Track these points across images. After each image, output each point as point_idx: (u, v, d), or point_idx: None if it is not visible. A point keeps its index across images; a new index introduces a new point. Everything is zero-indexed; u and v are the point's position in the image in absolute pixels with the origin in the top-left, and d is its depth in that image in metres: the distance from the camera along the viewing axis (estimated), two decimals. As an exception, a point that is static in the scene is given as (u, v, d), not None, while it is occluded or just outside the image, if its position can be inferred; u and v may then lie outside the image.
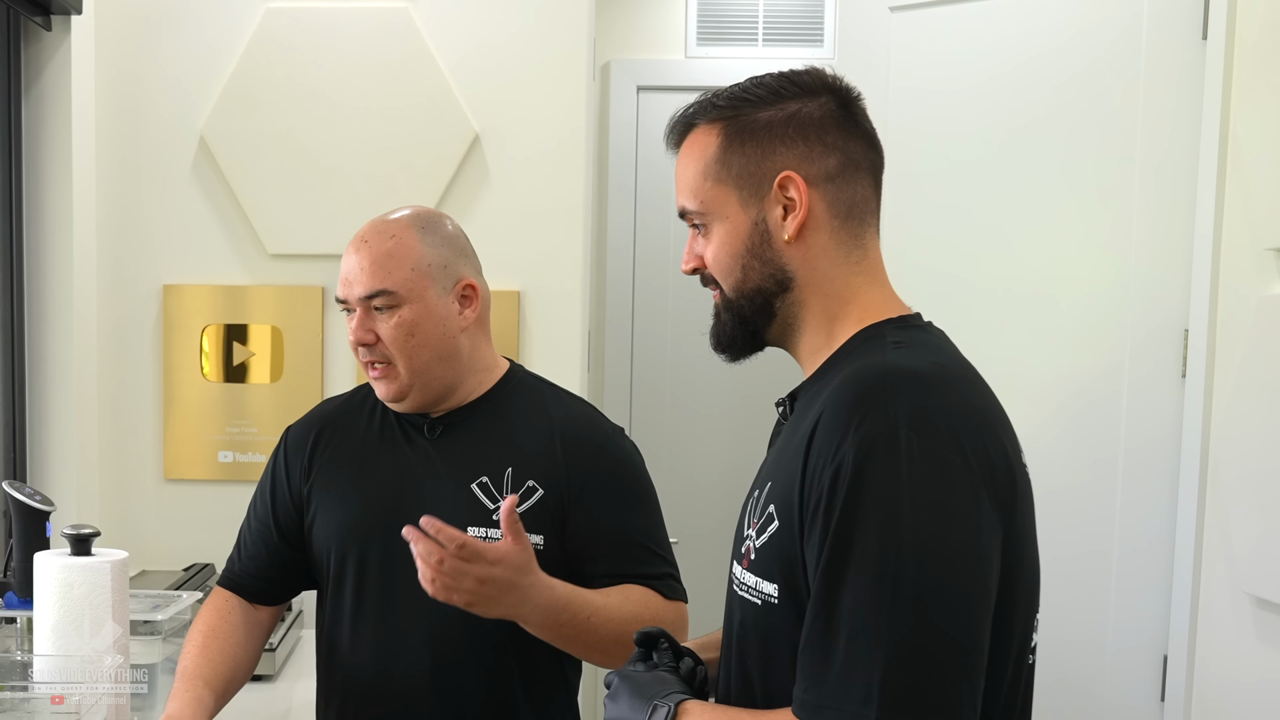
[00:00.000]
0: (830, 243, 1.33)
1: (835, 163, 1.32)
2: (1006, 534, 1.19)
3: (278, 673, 2.59)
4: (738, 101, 1.35)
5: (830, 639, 1.14)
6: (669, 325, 3.92)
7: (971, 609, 1.14)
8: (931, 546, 1.13)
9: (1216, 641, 2.48)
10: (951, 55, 2.86)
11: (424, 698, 1.86)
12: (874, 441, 1.15)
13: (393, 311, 1.86)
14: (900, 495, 1.13)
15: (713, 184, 1.36)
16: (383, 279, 1.86)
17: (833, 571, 1.15)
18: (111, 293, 3.08)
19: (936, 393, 1.20)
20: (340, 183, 3.05)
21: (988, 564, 1.17)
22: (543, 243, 3.08)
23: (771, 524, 1.25)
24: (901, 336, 1.30)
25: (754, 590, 1.27)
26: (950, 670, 1.12)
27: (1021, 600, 1.24)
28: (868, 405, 1.18)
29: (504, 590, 1.66)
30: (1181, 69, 2.58)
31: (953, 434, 1.17)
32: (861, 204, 1.34)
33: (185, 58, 3.08)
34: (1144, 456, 2.65)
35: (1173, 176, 2.59)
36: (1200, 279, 2.53)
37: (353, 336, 1.88)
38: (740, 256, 1.35)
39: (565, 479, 1.88)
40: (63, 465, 2.90)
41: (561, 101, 3.08)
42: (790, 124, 1.32)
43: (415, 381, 1.89)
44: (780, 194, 1.31)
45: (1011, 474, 1.22)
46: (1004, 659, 1.22)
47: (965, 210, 2.83)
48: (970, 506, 1.16)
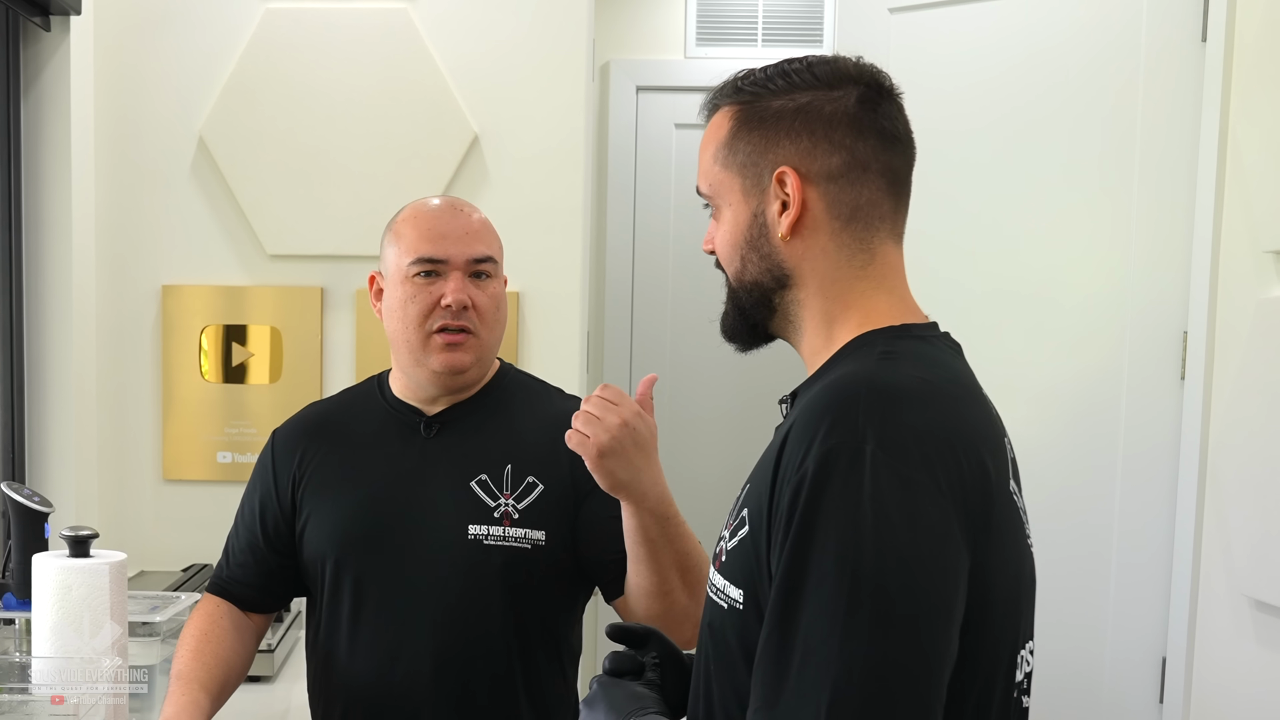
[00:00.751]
0: (830, 244, 1.28)
1: (839, 162, 1.27)
2: (977, 560, 1.13)
3: (276, 674, 2.59)
4: (759, 88, 1.31)
5: (782, 660, 1.09)
6: (668, 326, 3.92)
7: (933, 636, 1.08)
8: (892, 568, 1.07)
9: (1215, 644, 2.48)
10: (950, 57, 2.86)
11: (426, 702, 1.84)
12: (838, 455, 1.10)
13: (490, 281, 1.89)
14: (861, 513, 1.07)
15: (721, 169, 1.33)
16: (489, 246, 1.90)
17: (788, 589, 1.09)
18: (110, 293, 3.08)
19: (912, 409, 1.14)
20: (340, 183, 3.05)
21: (951, 590, 1.10)
22: (542, 243, 3.08)
23: (743, 528, 1.21)
24: (894, 346, 1.24)
25: (721, 593, 1.23)
26: (903, 698, 1.06)
27: (995, 630, 1.17)
28: (837, 417, 1.12)
29: (640, 445, 1.61)
30: (1181, 71, 2.58)
31: (923, 454, 1.11)
32: (869, 207, 1.28)
33: (184, 58, 3.07)
34: (1143, 459, 2.65)
35: (1172, 179, 2.59)
36: (1199, 281, 2.53)
37: (453, 297, 1.83)
38: (740, 247, 1.32)
39: (570, 476, 1.86)
40: (61, 466, 2.90)
41: (561, 102, 3.08)
42: (798, 117, 1.27)
43: (483, 356, 1.90)
44: (778, 189, 1.28)
45: (988, 498, 1.16)
46: (967, 693, 1.15)
47: (963, 212, 2.83)
48: (937, 530, 1.10)
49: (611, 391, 1.61)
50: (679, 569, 1.74)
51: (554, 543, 1.85)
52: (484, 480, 1.86)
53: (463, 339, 1.85)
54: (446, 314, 1.84)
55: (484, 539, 1.83)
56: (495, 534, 1.82)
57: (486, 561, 1.82)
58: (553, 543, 1.85)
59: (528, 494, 1.85)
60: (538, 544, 1.84)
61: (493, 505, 1.84)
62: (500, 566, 1.82)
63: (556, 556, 1.85)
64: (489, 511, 1.84)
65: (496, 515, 1.83)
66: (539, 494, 1.86)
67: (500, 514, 1.84)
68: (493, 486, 1.86)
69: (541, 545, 1.84)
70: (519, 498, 1.85)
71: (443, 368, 1.86)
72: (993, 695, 1.19)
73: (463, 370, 1.87)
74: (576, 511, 1.86)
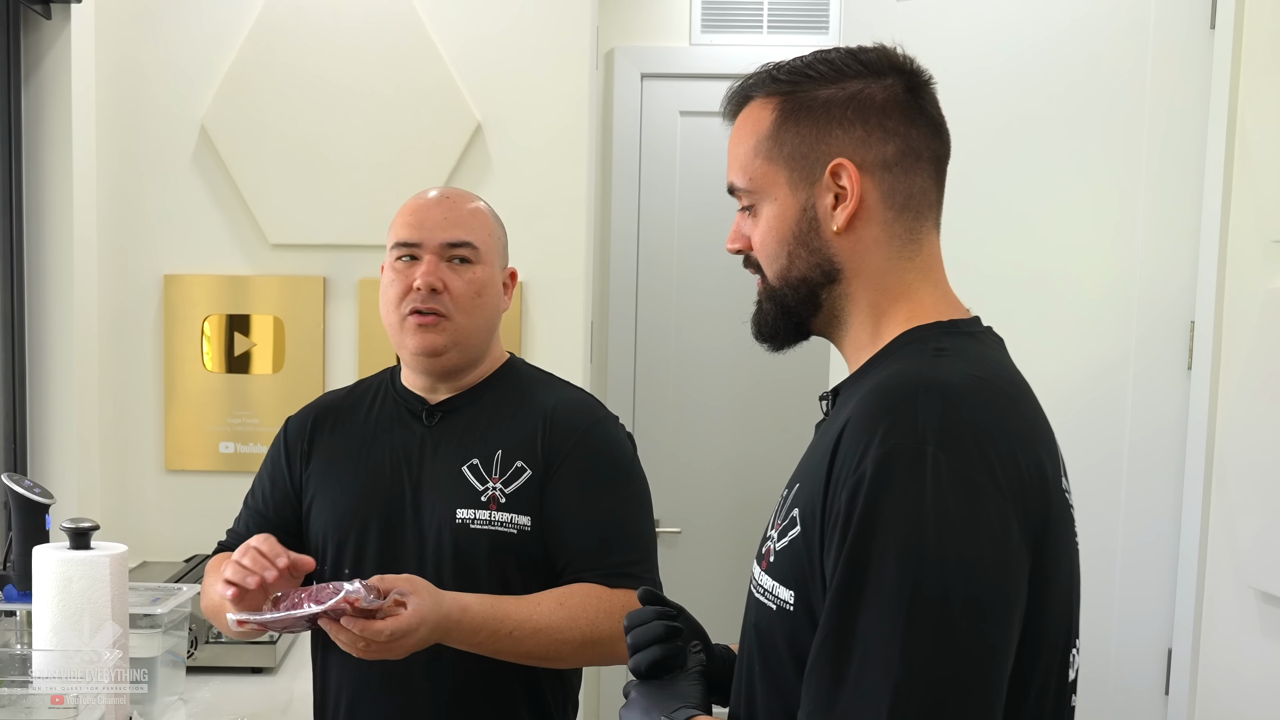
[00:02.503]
0: (883, 235, 1.25)
1: (894, 150, 1.24)
2: (1037, 561, 1.12)
3: (278, 665, 2.58)
4: (798, 76, 1.27)
5: (840, 663, 1.07)
6: (673, 315, 3.90)
7: (993, 641, 1.07)
8: (954, 571, 1.05)
9: (1221, 636, 2.47)
10: (956, 45, 2.83)
11: (424, 685, 1.86)
12: (898, 456, 1.08)
13: (468, 267, 1.90)
14: (923, 515, 1.06)
15: (763, 162, 1.28)
16: (469, 232, 1.91)
17: (847, 591, 1.08)
18: (112, 283, 3.07)
19: (971, 408, 1.13)
20: (342, 172, 3.04)
21: (1013, 592, 1.09)
22: (545, 232, 3.07)
23: (794, 529, 1.18)
24: (947, 344, 1.22)
25: (770, 594, 1.21)
26: (967, 705, 1.05)
27: (1050, 632, 1.16)
28: (895, 416, 1.10)
29: (401, 641, 1.65)
30: (1189, 58, 2.56)
31: (983, 454, 1.09)
32: (920, 196, 1.26)
33: (186, 46, 3.06)
34: (1149, 450, 2.63)
35: (1179, 167, 2.57)
36: (1206, 270, 2.52)
37: (422, 279, 1.86)
38: (786, 243, 1.27)
39: (544, 459, 1.88)
40: (63, 456, 2.90)
41: (564, 89, 3.07)
42: (850, 105, 1.24)
43: (461, 341, 1.90)
44: (832, 181, 1.23)
45: (1046, 497, 1.15)
46: (1026, 693, 1.14)
47: (967, 199, 2.80)
48: (998, 532, 1.08)
49: (370, 632, 1.62)
50: (533, 658, 1.80)
51: (539, 529, 1.87)
52: (474, 465, 1.89)
53: (433, 321, 1.88)
54: (418, 297, 1.87)
55: (471, 523, 1.85)
56: (482, 518, 1.85)
57: (474, 546, 1.85)
58: (538, 529, 1.87)
59: (515, 479, 1.87)
60: (523, 529, 1.86)
61: (481, 489, 1.87)
62: (487, 551, 1.85)
63: (542, 542, 1.86)
64: (477, 495, 1.86)
65: (484, 499, 1.86)
66: (527, 479, 1.87)
67: (487, 498, 1.86)
68: (482, 471, 1.88)
69: (527, 531, 1.86)
70: (507, 482, 1.87)
71: (416, 349, 1.89)
72: (1046, 696, 1.18)
73: (437, 352, 1.89)
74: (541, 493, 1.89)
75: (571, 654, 1.79)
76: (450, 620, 1.69)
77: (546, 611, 1.78)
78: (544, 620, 1.77)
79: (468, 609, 1.72)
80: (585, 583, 1.83)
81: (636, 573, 1.86)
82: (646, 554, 1.90)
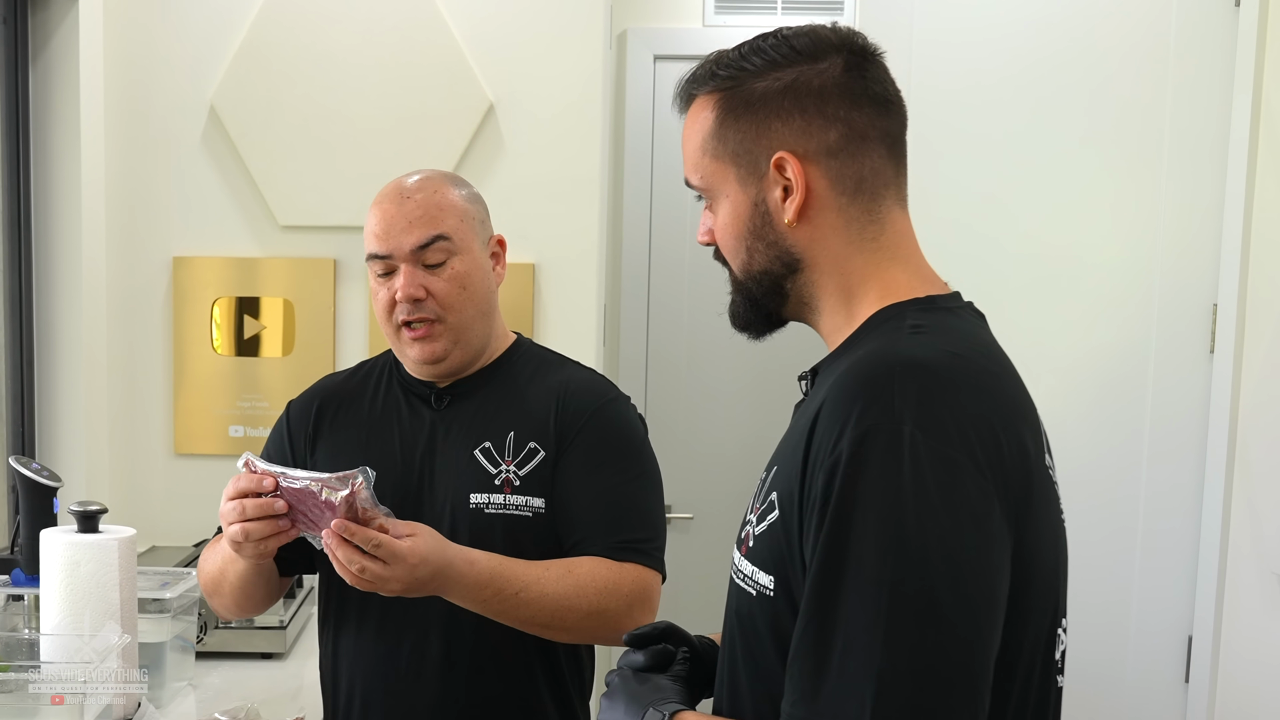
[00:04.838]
0: (839, 221, 1.23)
1: (837, 135, 1.22)
2: (1020, 540, 1.10)
3: (288, 651, 2.57)
4: (736, 70, 1.26)
5: (823, 651, 1.05)
6: (685, 297, 3.87)
7: (978, 623, 1.05)
8: (935, 553, 1.03)
9: (1243, 622, 2.44)
10: (975, 23, 2.79)
11: (435, 673, 1.84)
12: (875, 437, 1.06)
13: (446, 264, 1.84)
14: (902, 497, 1.04)
15: (711, 160, 1.27)
16: (438, 225, 1.83)
17: (826, 576, 1.06)
18: (121, 265, 3.05)
19: (949, 386, 1.10)
20: (353, 153, 3.01)
21: (997, 574, 1.08)
22: (558, 214, 3.04)
23: (772, 512, 1.17)
24: (923, 320, 1.19)
25: (750, 580, 1.20)
26: (953, 690, 1.03)
27: (1035, 611, 1.15)
28: (871, 396, 1.08)
29: (419, 579, 1.62)
30: (1213, 37, 2.53)
31: (962, 432, 1.07)
32: (873, 176, 1.24)
33: (195, 25, 3.03)
34: (1170, 434, 2.60)
35: (1202, 148, 2.54)
36: (1230, 253, 2.49)
37: (401, 293, 1.82)
38: (744, 238, 1.27)
39: (556, 438, 1.86)
40: (71, 440, 2.88)
41: (577, 70, 3.03)
42: (787, 95, 1.22)
43: (460, 339, 1.87)
44: (778, 175, 1.23)
45: (1028, 475, 1.12)
46: (1013, 673, 1.13)
47: (989, 181, 2.78)
48: (980, 512, 1.06)
49: (384, 551, 1.59)
50: (535, 625, 1.76)
51: (552, 511, 1.84)
52: (487, 448, 1.86)
53: (427, 330, 1.85)
54: (404, 309, 1.84)
55: (485, 508, 1.83)
56: (496, 502, 1.82)
57: (489, 531, 1.82)
58: (551, 511, 1.84)
59: (529, 460, 1.85)
60: (538, 512, 1.83)
61: (494, 472, 1.84)
62: (502, 536, 1.82)
63: (557, 524, 1.84)
64: (490, 479, 1.84)
65: (498, 482, 1.83)
66: (540, 460, 1.85)
67: (501, 480, 1.84)
68: (495, 454, 1.85)
69: (541, 513, 1.83)
70: (520, 464, 1.84)
71: (417, 359, 1.87)
72: (1033, 674, 1.16)
73: (439, 359, 1.87)
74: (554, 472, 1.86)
75: (576, 624, 1.75)
76: (454, 570, 1.66)
77: (554, 577, 1.75)
78: (551, 586, 1.74)
79: (474, 563, 1.69)
80: (592, 556, 1.81)
81: (645, 549, 1.84)
82: (656, 532, 1.88)
